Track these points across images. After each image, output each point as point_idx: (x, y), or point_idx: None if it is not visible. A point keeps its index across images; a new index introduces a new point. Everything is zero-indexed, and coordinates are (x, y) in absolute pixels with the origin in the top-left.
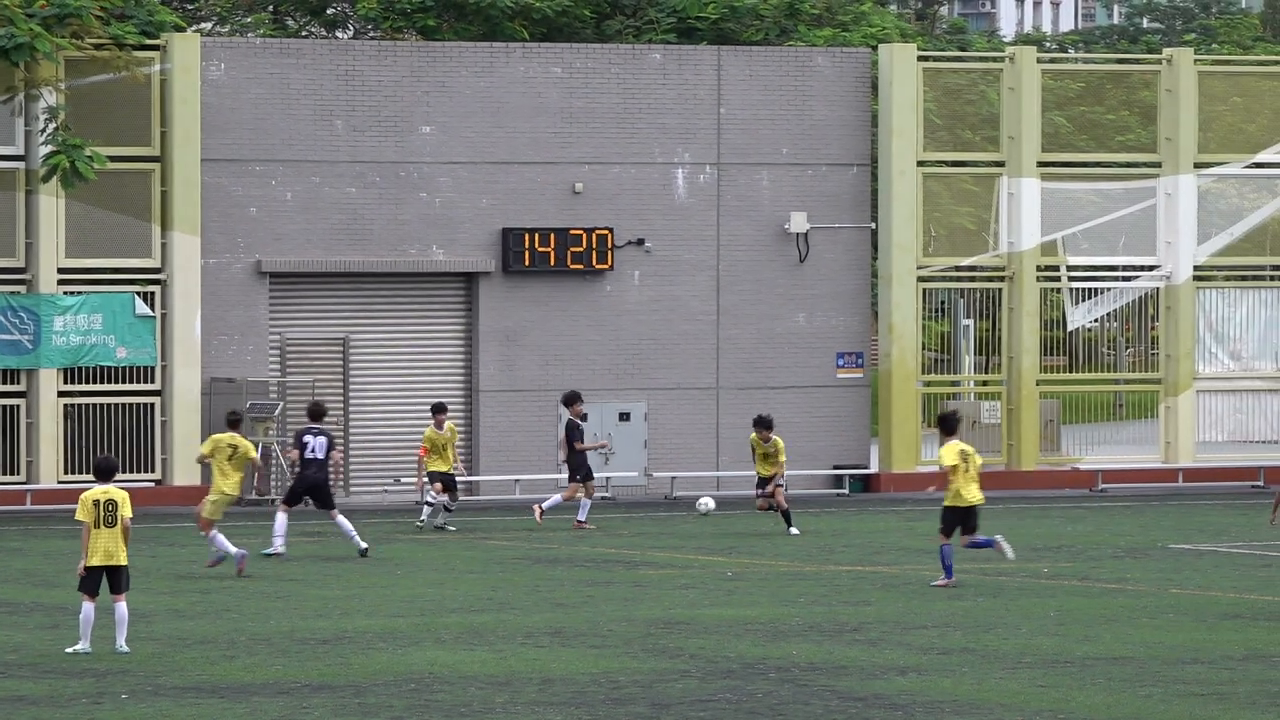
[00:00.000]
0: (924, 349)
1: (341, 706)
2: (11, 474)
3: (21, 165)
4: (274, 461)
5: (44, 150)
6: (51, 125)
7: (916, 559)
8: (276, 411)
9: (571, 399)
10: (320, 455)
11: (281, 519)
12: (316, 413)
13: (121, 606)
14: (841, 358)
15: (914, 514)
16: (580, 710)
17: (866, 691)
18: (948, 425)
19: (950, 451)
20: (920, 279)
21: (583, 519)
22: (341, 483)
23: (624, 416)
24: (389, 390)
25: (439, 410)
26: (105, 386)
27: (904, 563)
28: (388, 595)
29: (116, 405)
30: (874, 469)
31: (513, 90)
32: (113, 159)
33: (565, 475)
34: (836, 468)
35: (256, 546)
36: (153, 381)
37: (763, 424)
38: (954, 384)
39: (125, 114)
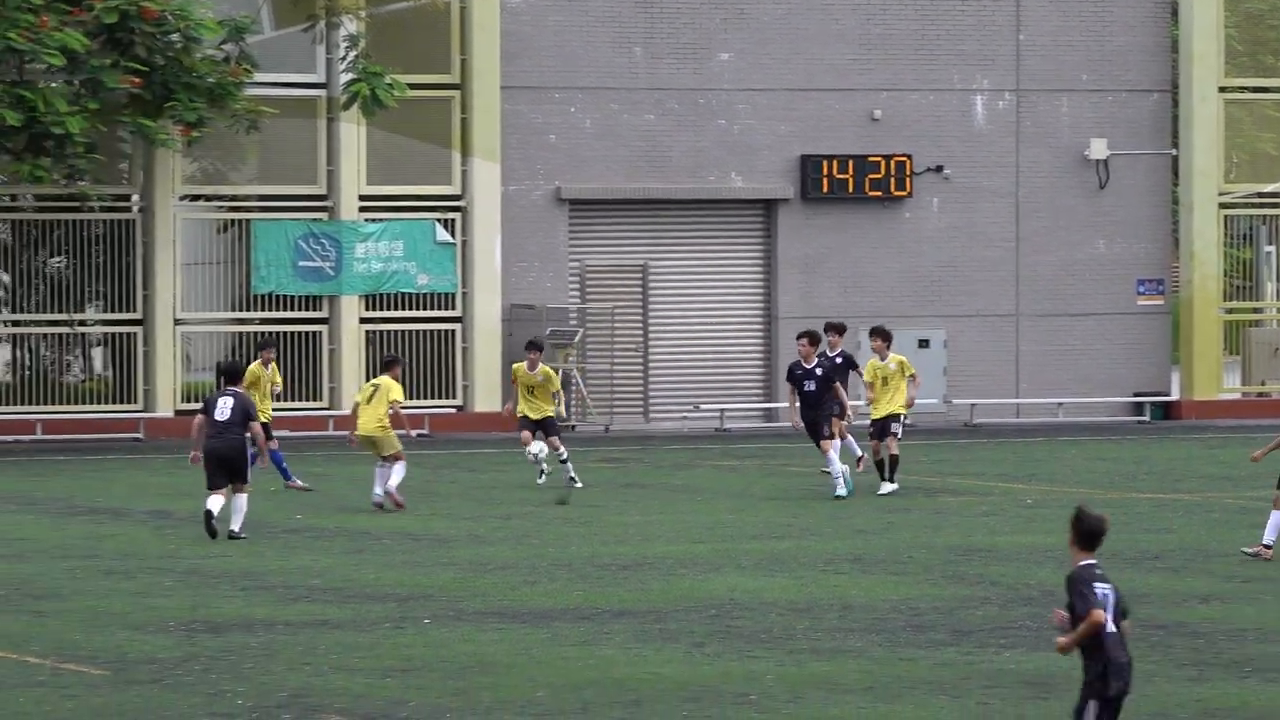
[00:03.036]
0: (1226, 275)
1: (642, 632)
2: (315, 400)
3: (323, 93)
4: (574, 389)
5: (345, 78)
6: (352, 53)
7: (1219, 486)
8: (576, 338)
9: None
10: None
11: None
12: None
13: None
14: (1142, 284)
15: (1215, 441)
16: (880, 637)
17: (1168, 619)
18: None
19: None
20: (1222, 205)
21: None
22: (641, 410)
23: (923, 343)
24: (688, 317)
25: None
26: (406, 313)
27: (1206, 490)
28: (688, 521)
29: (417, 332)
30: (1175, 396)
31: (811, 16)
32: (413, 86)
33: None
34: (1137, 395)
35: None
36: (453, 308)
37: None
38: (1256, 310)
39: (425, 41)
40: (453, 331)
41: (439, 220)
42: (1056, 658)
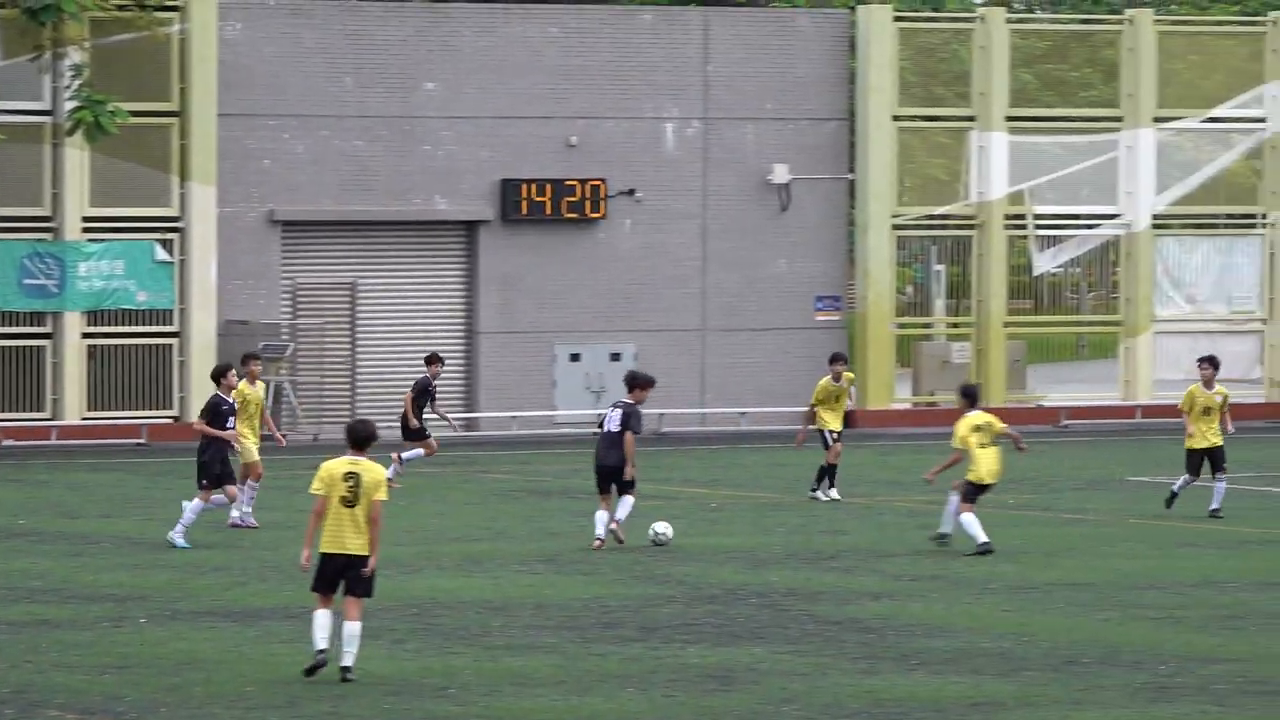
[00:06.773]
0: (899, 293)
1: None
2: (38, 411)
3: (49, 120)
4: (285, 401)
5: (70, 106)
6: (77, 82)
7: (889, 490)
8: (287, 352)
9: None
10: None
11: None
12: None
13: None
14: (820, 301)
15: (886, 448)
16: (572, 633)
17: (842, 615)
18: None
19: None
20: (895, 227)
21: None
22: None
23: (615, 357)
24: (394, 333)
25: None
26: (126, 328)
27: (878, 494)
28: (390, 525)
29: (136, 346)
30: (850, 406)
31: (512, 49)
32: (134, 113)
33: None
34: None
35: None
36: (171, 324)
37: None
38: (926, 326)
39: (147, 71)
40: (170, 346)
41: (158, 241)
42: (738, 653)
